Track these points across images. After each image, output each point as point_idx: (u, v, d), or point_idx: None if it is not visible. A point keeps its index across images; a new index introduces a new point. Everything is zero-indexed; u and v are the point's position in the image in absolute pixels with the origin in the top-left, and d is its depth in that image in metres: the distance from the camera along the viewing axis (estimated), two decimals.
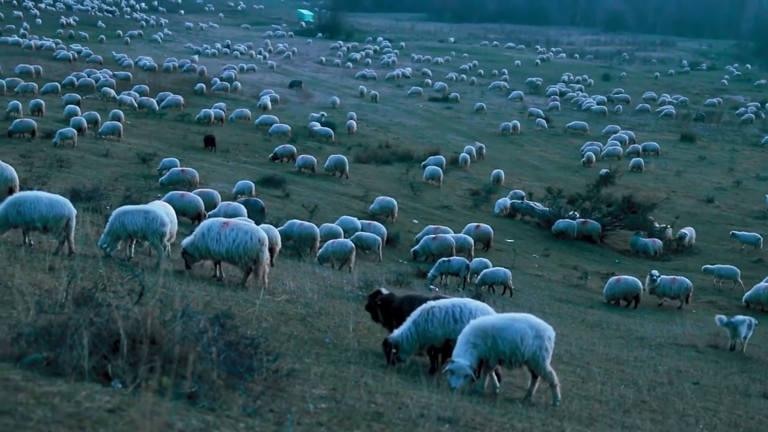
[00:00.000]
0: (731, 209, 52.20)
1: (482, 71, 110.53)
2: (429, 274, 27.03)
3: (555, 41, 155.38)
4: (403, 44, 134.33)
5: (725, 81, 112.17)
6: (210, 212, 28.27)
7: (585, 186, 47.60)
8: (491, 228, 36.66)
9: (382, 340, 12.26)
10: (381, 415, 7.95)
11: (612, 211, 43.55)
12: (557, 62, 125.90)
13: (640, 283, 28.98)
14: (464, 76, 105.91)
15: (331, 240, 27.67)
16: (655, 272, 29.81)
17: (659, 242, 40.61)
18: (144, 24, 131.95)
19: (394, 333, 12.04)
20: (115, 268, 13.86)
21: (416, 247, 32.54)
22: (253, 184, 36.63)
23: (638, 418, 11.63)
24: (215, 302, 13.63)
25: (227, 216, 23.80)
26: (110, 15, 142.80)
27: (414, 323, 11.91)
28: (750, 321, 21.58)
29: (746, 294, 30.37)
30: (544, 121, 76.95)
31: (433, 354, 12.31)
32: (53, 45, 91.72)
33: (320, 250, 26.97)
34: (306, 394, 8.10)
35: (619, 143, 67.00)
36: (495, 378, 11.48)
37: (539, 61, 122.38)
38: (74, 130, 42.81)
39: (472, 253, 32.63)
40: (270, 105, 69.11)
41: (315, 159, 47.36)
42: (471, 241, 33.40)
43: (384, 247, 31.48)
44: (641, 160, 61.56)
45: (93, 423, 5.43)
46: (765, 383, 17.18)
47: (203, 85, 74.57)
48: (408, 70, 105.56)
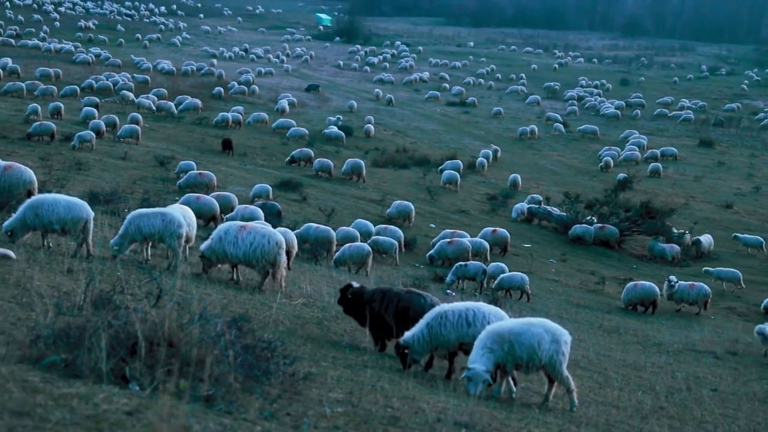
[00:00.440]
0: (750, 215, 51.90)
1: (500, 76, 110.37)
2: (447, 279, 27.00)
3: (573, 46, 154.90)
4: (421, 48, 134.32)
5: (744, 86, 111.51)
6: (227, 216, 28.34)
7: (603, 191, 47.44)
8: (508, 233, 36.57)
9: (395, 344, 12.26)
10: (397, 420, 7.94)
11: (630, 217, 43.35)
12: (575, 67, 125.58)
13: (658, 289, 28.84)
14: (482, 81, 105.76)
15: (348, 244, 27.68)
16: (673, 278, 29.66)
17: (677, 248, 40.40)
18: (162, 28, 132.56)
19: (406, 335, 12.05)
20: (133, 271, 13.92)
21: (432, 252, 32.49)
22: (271, 188, 36.67)
23: (656, 425, 11.57)
24: (232, 305, 13.66)
25: (244, 219, 23.86)
26: (129, 19, 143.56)
27: (427, 326, 11.91)
28: None
29: (765, 301, 30.15)
30: (562, 126, 76.75)
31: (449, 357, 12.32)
32: (72, 48, 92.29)
33: (337, 254, 26.98)
34: (323, 398, 8.10)
35: (637, 148, 66.73)
36: (512, 383, 11.46)
37: (557, 66, 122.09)
38: (92, 133, 42.99)
39: (488, 258, 32.57)
40: (288, 109, 69.24)
41: (332, 163, 47.40)
42: (487, 246, 33.33)
43: (401, 252, 31.47)
44: (659, 165, 61.29)
45: (111, 425, 5.45)
46: None
47: (221, 89, 74.79)
48: (425, 75, 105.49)
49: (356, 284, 14.33)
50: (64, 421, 5.35)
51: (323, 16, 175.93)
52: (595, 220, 42.58)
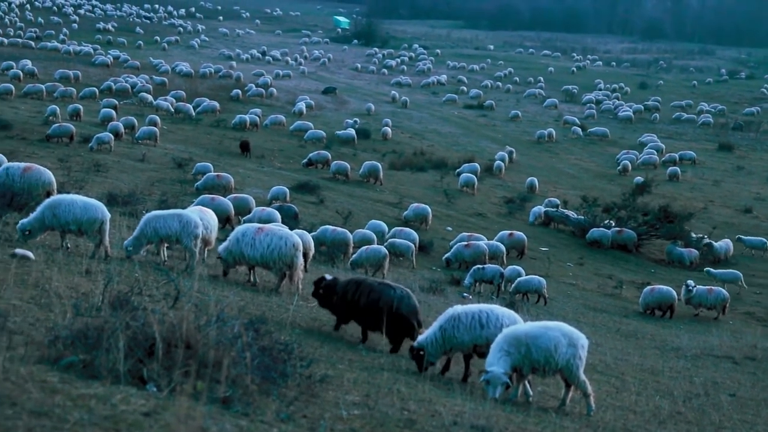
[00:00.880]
0: None
1: (518, 79, 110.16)
2: (465, 282, 26.96)
3: (591, 49, 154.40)
4: (439, 51, 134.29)
5: (765, 90, 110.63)
6: (244, 217, 28.43)
7: (621, 195, 47.25)
8: (525, 236, 36.47)
9: (409, 347, 12.26)
10: (414, 423, 7.93)
11: (648, 221, 43.14)
12: (593, 70, 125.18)
13: (675, 293, 28.71)
14: (500, 84, 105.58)
15: (365, 246, 27.68)
16: (691, 282, 29.49)
17: (695, 252, 40.16)
18: (181, 30, 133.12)
19: (420, 338, 12.10)
20: (151, 272, 13.97)
21: (448, 255, 32.45)
22: (288, 190, 36.74)
23: (674, 430, 11.52)
24: (249, 307, 13.70)
25: (261, 221, 23.93)
26: (148, 21, 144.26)
27: (440, 328, 11.94)
28: None
29: None
30: (580, 129, 76.52)
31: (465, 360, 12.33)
32: (91, 51, 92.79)
33: (353, 256, 26.98)
34: (339, 400, 8.11)
35: (656, 152, 66.44)
36: (528, 386, 11.43)
37: (575, 69, 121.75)
38: (111, 135, 43.22)
39: (505, 261, 32.49)
40: (305, 111, 69.35)
41: (349, 165, 47.44)
42: (503, 249, 33.23)
43: (417, 254, 31.44)
44: (678, 169, 61.00)
45: (128, 426, 5.47)
46: None
47: (239, 91, 74.98)
48: (443, 78, 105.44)
49: (329, 276, 14.48)
50: (82, 422, 5.38)
51: (341, 19, 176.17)
52: (613, 224, 42.41)
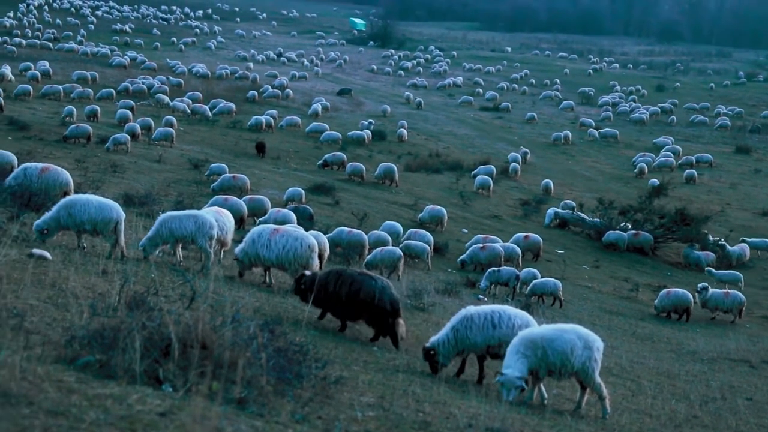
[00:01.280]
0: None
1: (534, 81, 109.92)
2: (481, 285, 26.92)
3: (608, 51, 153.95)
4: (455, 53, 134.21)
5: None
6: (260, 219, 28.49)
7: (637, 197, 47.08)
8: (541, 238, 36.38)
9: (422, 348, 12.26)
10: (429, 425, 7.93)
11: (664, 223, 42.96)
12: (610, 72, 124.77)
13: (691, 296, 28.57)
14: (516, 86, 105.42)
15: (380, 247, 27.67)
16: (703, 284, 29.46)
17: (712, 255, 39.96)
18: (198, 32, 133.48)
19: (432, 339, 12.12)
20: (167, 273, 14.01)
21: (464, 256, 32.40)
22: (303, 191, 36.78)
23: None
24: (265, 308, 13.73)
25: (277, 223, 23.97)
26: (165, 22, 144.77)
27: (453, 329, 11.96)
28: None
29: None
30: (596, 132, 76.28)
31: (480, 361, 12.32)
32: (108, 52, 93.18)
33: (368, 257, 26.97)
34: (354, 402, 8.11)
35: (672, 155, 66.17)
36: (543, 389, 11.40)
37: (591, 71, 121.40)
38: (127, 136, 43.40)
39: (520, 263, 32.41)
40: (320, 112, 69.42)
41: (364, 167, 47.44)
42: (519, 251, 33.16)
43: (432, 256, 31.41)
44: (695, 172, 60.74)
45: (144, 426, 5.49)
46: None
47: (255, 93, 75.16)
48: (459, 79, 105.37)
49: (308, 272, 14.58)
50: (99, 422, 5.40)
51: (357, 21, 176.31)
52: (629, 227, 42.26)
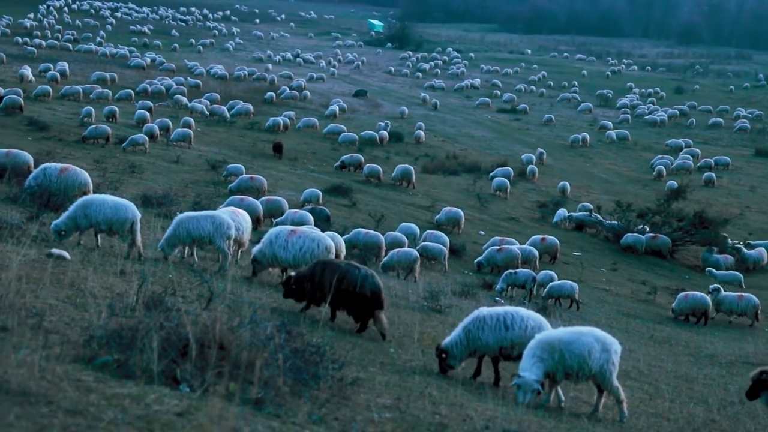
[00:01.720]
0: None
1: (552, 83, 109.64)
2: (497, 287, 26.87)
3: (627, 53, 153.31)
4: (472, 55, 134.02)
5: None
6: (277, 220, 28.55)
7: (655, 200, 46.89)
8: (558, 240, 36.29)
9: (435, 347, 12.27)
10: (445, 427, 7.92)
11: (683, 226, 42.78)
12: (628, 74, 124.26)
13: (709, 300, 28.44)
14: (533, 88, 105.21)
15: (396, 249, 27.66)
16: (714, 285, 29.45)
17: (731, 259, 39.74)
18: (216, 33, 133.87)
19: (445, 340, 12.12)
20: (185, 273, 14.06)
21: (480, 258, 32.36)
22: (321, 193, 36.83)
23: None
24: (282, 309, 13.76)
25: (294, 224, 24.00)
26: (183, 24, 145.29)
27: (464, 330, 11.96)
28: None
29: None
30: (614, 134, 76.00)
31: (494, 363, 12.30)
32: (127, 53, 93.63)
33: (385, 259, 26.98)
34: (370, 403, 8.11)
35: (691, 157, 65.84)
36: (560, 392, 11.37)
37: (609, 74, 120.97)
38: (145, 137, 43.63)
39: (537, 265, 32.33)
40: (338, 114, 69.52)
41: (381, 168, 47.46)
42: (536, 253, 33.08)
43: (449, 258, 31.38)
44: (713, 175, 60.42)
45: (162, 426, 5.50)
46: None
47: (273, 94, 75.33)
48: (477, 81, 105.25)
49: (293, 273, 14.65)
50: (116, 421, 5.42)
51: (375, 22, 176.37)
52: (647, 230, 42.08)
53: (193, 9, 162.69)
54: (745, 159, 71.08)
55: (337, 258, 18.71)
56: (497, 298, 24.56)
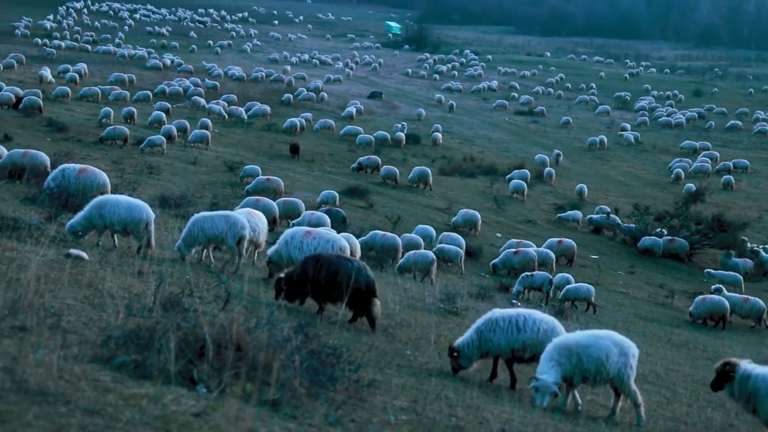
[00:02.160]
0: None
1: (569, 85, 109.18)
2: (513, 290, 26.83)
3: (645, 55, 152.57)
4: (490, 57, 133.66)
5: None
6: (294, 221, 28.60)
7: (673, 203, 46.69)
8: (575, 243, 36.18)
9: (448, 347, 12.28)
10: (461, 429, 7.91)
11: (701, 230, 42.57)
12: (647, 77, 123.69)
13: (727, 303, 28.33)
14: (551, 90, 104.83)
15: (413, 251, 27.65)
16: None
17: (750, 262, 39.53)
18: (234, 35, 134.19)
19: (458, 340, 12.16)
20: (202, 274, 14.10)
21: (496, 261, 32.31)
22: (337, 194, 36.87)
23: None
24: (298, 310, 13.78)
25: (311, 225, 24.04)
26: (201, 25, 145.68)
27: (476, 331, 11.98)
28: None
29: None
30: (632, 137, 75.71)
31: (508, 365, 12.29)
32: (146, 54, 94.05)
33: (401, 261, 26.97)
34: (387, 405, 8.10)
35: (709, 160, 65.47)
36: (577, 395, 11.33)
37: (627, 76, 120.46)
38: (163, 138, 43.82)
39: (554, 268, 32.25)
40: (355, 115, 69.59)
41: (398, 170, 47.47)
42: (553, 256, 33.00)
43: (466, 260, 31.33)
44: (732, 178, 60.06)
45: (179, 426, 5.52)
46: None
47: (290, 95, 75.46)
48: (494, 83, 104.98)
49: (282, 274, 14.64)
50: (134, 421, 5.44)
51: (393, 24, 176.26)
52: (665, 233, 41.90)
53: (211, 11, 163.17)
54: (764, 162, 70.62)
55: None
56: (514, 301, 24.50)
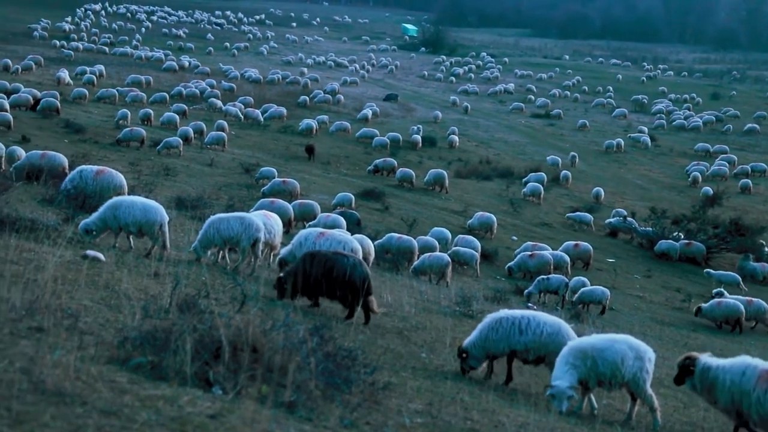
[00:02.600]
0: None
1: (586, 88, 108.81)
2: (526, 291, 26.78)
3: (663, 59, 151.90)
4: (506, 60, 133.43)
5: None
6: (310, 223, 28.63)
7: (690, 206, 46.48)
8: (591, 247, 36.07)
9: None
10: None
11: (718, 233, 42.36)
12: (664, 80, 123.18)
13: (742, 307, 28.26)
14: (568, 93, 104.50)
15: (428, 253, 27.64)
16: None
17: None
18: (251, 37, 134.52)
19: (466, 340, 12.26)
20: (218, 276, 14.13)
21: (511, 264, 32.23)
22: (353, 197, 36.87)
23: None
24: (314, 312, 13.80)
25: (327, 227, 24.06)
26: (218, 28, 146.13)
27: (480, 330, 12.11)
28: None
29: None
30: (649, 140, 75.43)
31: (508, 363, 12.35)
32: (163, 56, 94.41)
33: (416, 263, 26.99)
34: (402, 408, 8.09)
35: (727, 164, 65.12)
36: (593, 399, 11.30)
37: (645, 79, 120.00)
38: (179, 140, 43.95)
39: (569, 271, 32.15)
40: (370, 118, 69.62)
41: (414, 173, 47.46)
42: (568, 259, 32.90)
43: (482, 263, 31.29)
44: (749, 182, 59.71)
45: (195, 427, 5.53)
46: None
47: (306, 98, 75.54)
48: (511, 86, 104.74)
49: (282, 273, 14.75)
50: (150, 422, 5.45)
51: (409, 27, 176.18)
52: (682, 236, 41.72)
53: (228, 13, 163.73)
54: None
55: (366, 262, 18.77)
56: (530, 304, 24.45)
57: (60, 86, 62.10)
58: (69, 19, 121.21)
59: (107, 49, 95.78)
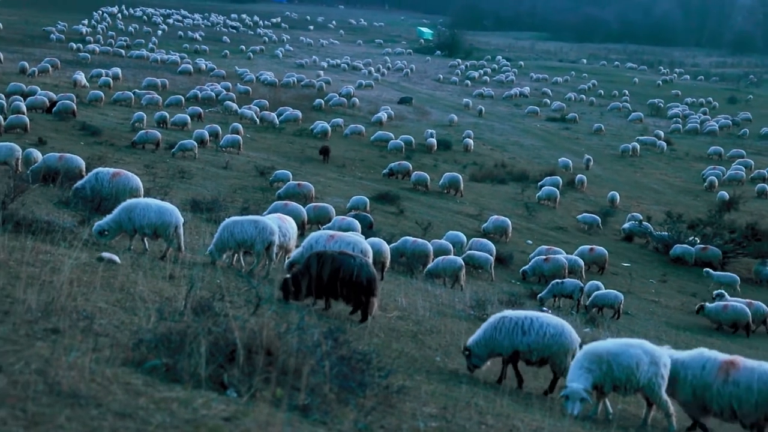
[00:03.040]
0: None
1: (602, 92, 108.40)
2: (539, 296, 26.73)
3: (679, 62, 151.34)
4: (522, 63, 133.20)
5: None
6: (324, 226, 28.66)
7: (706, 211, 46.28)
8: (606, 251, 35.95)
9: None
10: None
11: (734, 238, 42.16)
12: (680, 84, 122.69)
13: (749, 310, 28.22)
14: (583, 96, 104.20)
15: (441, 256, 27.63)
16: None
17: None
18: (266, 40, 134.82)
19: (470, 339, 12.34)
20: (233, 279, 14.15)
21: (526, 267, 32.17)
22: (368, 200, 36.89)
23: None
24: (328, 315, 13.80)
25: (341, 230, 24.09)
26: (234, 31, 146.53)
27: (483, 329, 12.20)
28: None
29: None
30: (665, 144, 75.13)
31: (512, 363, 12.34)
32: (178, 59, 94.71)
33: (430, 266, 26.99)
34: (416, 412, 8.07)
35: (744, 168, 64.79)
36: (608, 404, 11.25)
37: (660, 83, 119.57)
38: (195, 143, 44.08)
39: (584, 275, 32.05)
40: (385, 121, 69.64)
41: (428, 176, 47.44)
42: (582, 263, 32.79)
43: (496, 267, 31.24)
44: (766, 186, 59.36)
45: (209, 430, 5.53)
46: None
47: (321, 101, 75.63)
48: (526, 89, 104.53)
49: (288, 275, 14.76)
50: (165, 425, 5.46)
51: (425, 30, 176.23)
52: (697, 241, 41.54)
53: (244, 16, 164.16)
54: None
55: (382, 266, 18.79)
56: (544, 308, 24.39)
57: (76, 89, 62.39)
58: (85, 22, 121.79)
59: (123, 52, 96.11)
